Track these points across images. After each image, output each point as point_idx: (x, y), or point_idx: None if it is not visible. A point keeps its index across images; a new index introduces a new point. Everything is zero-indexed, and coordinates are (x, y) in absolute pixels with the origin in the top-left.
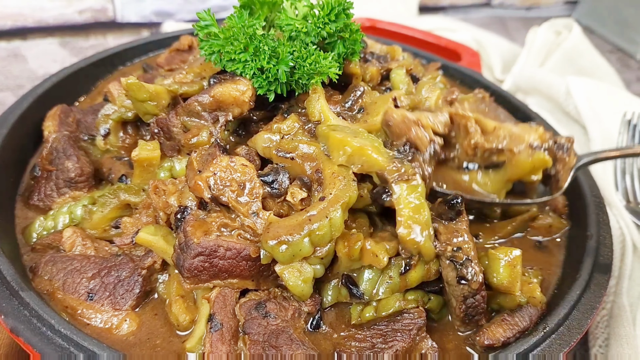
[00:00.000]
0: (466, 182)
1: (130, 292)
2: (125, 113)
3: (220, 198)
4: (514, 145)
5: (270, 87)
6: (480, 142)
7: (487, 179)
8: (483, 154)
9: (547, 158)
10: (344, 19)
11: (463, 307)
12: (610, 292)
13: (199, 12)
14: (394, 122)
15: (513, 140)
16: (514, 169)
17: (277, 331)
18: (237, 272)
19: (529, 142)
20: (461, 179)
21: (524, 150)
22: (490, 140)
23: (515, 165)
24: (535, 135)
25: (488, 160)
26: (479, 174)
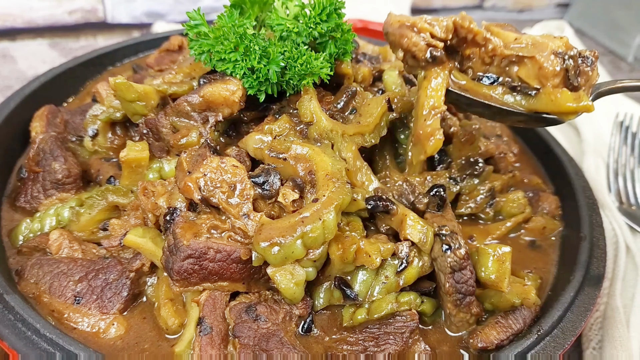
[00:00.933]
0: (490, 96)
1: (118, 295)
2: (114, 113)
3: (210, 199)
4: (537, 52)
5: (261, 88)
6: (499, 49)
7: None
8: (501, 61)
9: (591, 104)
10: (336, 19)
11: (452, 283)
12: (604, 294)
13: (189, 11)
14: (392, 30)
15: (535, 47)
16: (548, 105)
17: (268, 335)
18: (227, 274)
19: (552, 49)
20: (486, 92)
21: (547, 57)
22: (511, 47)
23: (550, 102)
24: (560, 43)
25: (507, 72)
26: (506, 96)
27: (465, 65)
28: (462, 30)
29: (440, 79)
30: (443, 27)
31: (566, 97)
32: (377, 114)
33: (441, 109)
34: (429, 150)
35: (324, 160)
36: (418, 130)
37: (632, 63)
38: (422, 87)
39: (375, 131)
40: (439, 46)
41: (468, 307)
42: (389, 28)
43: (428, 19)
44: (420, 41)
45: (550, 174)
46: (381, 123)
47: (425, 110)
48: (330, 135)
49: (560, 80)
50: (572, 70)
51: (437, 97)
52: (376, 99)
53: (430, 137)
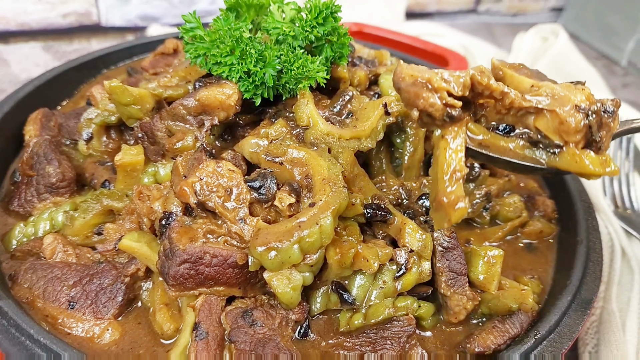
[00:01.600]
0: (510, 150)
1: (112, 300)
2: (109, 117)
3: (206, 204)
4: (557, 106)
5: (257, 91)
6: (517, 102)
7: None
8: (517, 112)
9: (617, 169)
10: (332, 23)
11: (444, 262)
12: (600, 298)
13: (185, 14)
14: (405, 86)
15: (556, 100)
16: (572, 165)
17: (264, 340)
18: (223, 279)
19: (574, 103)
20: (505, 145)
21: (569, 111)
22: (529, 99)
23: (574, 163)
24: (582, 96)
25: (523, 122)
26: (527, 150)
27: (479, 114)
28: (479, 87)
29: (460, 138)
30: (460, 84)
31: (592, 161)
32: (373, 118)
33: (463, 173)
34: (454, 218)
35: (321, 165)
36: (440, 196)
37: (626, 67)
38: (440, 147)
39: (371, 135)
40: (457, 105)
41: (462, 288)
42: (401, 84)
43: (445, 76)
44: (437, 101)
45: (546, 178)
46: (378, 127)
47: (446, 175)
48: (327, 139)
49: (582, 137)
50: (595, 125)
51: (459, 160)
52: (373, 103)
53: (455, 205)
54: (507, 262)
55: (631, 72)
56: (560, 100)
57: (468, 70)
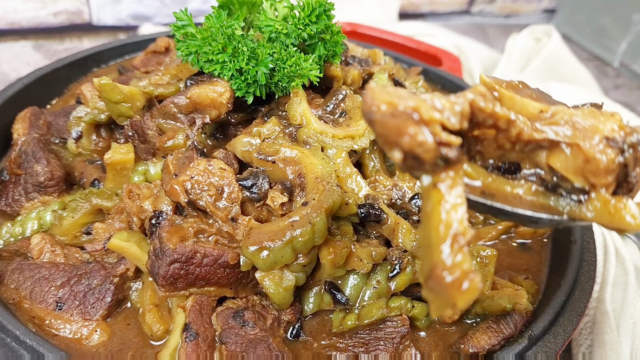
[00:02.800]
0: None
1: (101, 301)
2: (98, 115)
3: (197, 203)
4: (581, 138)
5: (249, 89)
6: (527, 133)
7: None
8: (525, 146)
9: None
10: (325, 21)
11: None
12: (594, 299)
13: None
14: (381, 117)
15: (578, 130)
16: (604, 217)
17: (256, 341)
18: (214, 279)
19: (604, 134)
20: (512, 191)
21: (597, 146)
22: (542, 129)
23: (607, 215)
24: (614, 125)
25: (532, 159)
26: (540, 197)
27: (474, 150)
28: (480, 115)
29: (459, 188)
30: (457, 113)
31: (632, 213)
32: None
33: (468, 237)
34: (461, 303)
35: (314, 163)
36: (438, 271)
37: (618, 68)
38: (432, 200)
39: (365, 135)
40: (456, 143)
41: None
42: (375, 115)
43: (437, 103)
44: (428, 139)
45: None
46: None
47: (444, 242)
48: (320, 138)
49: (614, 178)
50: (632, 164)
51: (460, 219)
52: None
53: (462, 283)
54: (501, 262)
55: (623, 74)
56: (585, 130)
57: (465, 94)
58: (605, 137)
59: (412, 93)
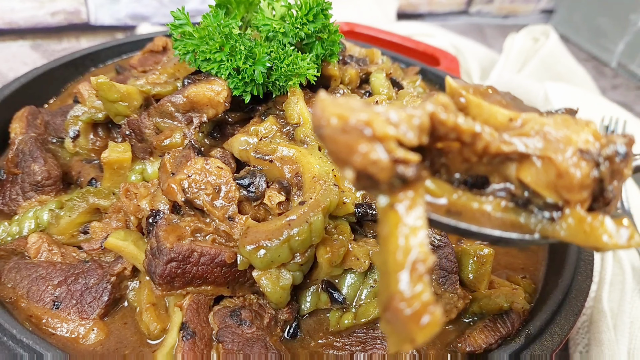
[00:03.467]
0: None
1: (98, 300)
2: (96, 114)
3: (194, 202)
4: (552, 151)
5: (247, 88)
6: (494, 146)
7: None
8: (492, 159)
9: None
10: (323, 20)
11: (437, 262)
12: (591, 298)
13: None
14: (332, 132)
15: (549, 142)
16: (579, 236)
17: (252, 339)
18: (211, 278)
19: (578, 146)
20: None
21: (571, 159)
22: (510, 141)
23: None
24: (588, 135)
25: (501, 172)
26: (510, 214)
27: (438, 164)
28: (442, 128)
29: (419, 208)
30: (415, 127)
31: (609, 232)
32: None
33: (429, 264)
34: (420, 337)
35: (311, 162)
36: (395, 302)
37: (615, 69)
38: (390, 223)
39: None
40: (413, 161)
41: (453, 287)
42: (325, 130)
43: (392, 116)
44: (382, 157)
45: None
46: None
47: (402, 270)
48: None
49: (589, 193)
50: (608, 177)
51: (420, 245)
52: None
53: (422, 316)
54: (499, 261)
55: (620, 74)
56: (557, 142)
57: (424, 104)
58: (579, 149)
59: (366, 104)
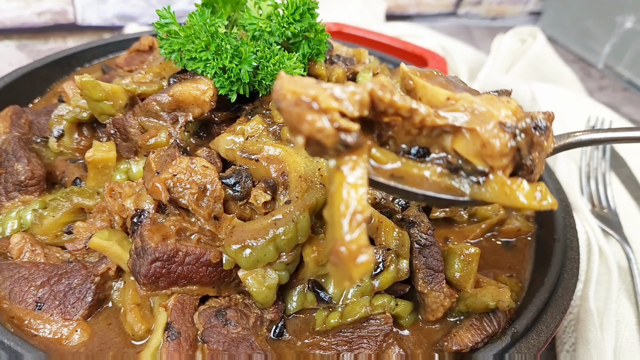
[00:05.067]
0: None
1: (81, 300)
2: (80, 113)
3: (179, 201)
4: (478, 123)
5: (233, 87)
6: (429, 119)
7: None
8: (431, 131)
9: (556, 202)
10: (309, 19)
11: (420, 258)
12: (577, 297)
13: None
14: (286, 106)
15: (476, 116)
16: (501, 197)
17: (238, 339)
18: (196, 278)
19: (498, 119)
20: (419, 173)
21: (492, 131)
22: (443, 116)
23: (504, 195)
24: (507, 111)
25: (440, 143)
26: (445, 178)
27: (385, 136)
28: (380, 104)
29: (360, 169)
30: (356, 102)
31: (525, 193)
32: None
33: (366, 215)
34: (356, 275)
35: (297, 162)
36: (337, 246)
37: (602, 70)
38: (335, 182)
39: None
40: (353, 129)
41: (439, 285)
42: (282, 102)
43: (336, 92)
44: (326, 125)
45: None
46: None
47: (344, 218)
48: None
49: (509, 161)
50: (525, 147)
51: (359, 198)
52: None
53: (357, 257)
54: (486, 260)
55: (607, 75)
56: (481, 116)
57: (365, 84)
58: (499, 122)
59: (316, 82)
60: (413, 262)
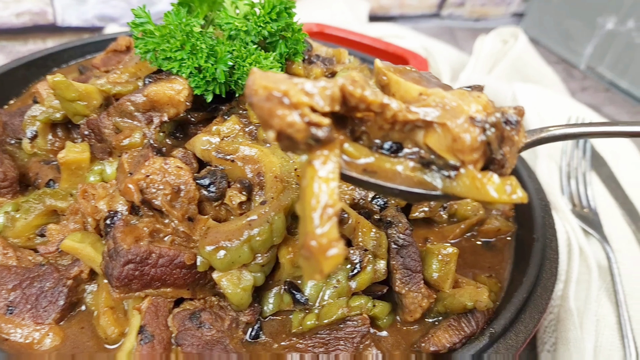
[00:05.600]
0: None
1: (54, 304)
2: (53, 114)
3: (152, 202)
4: (449, 118)
5: (208, 87)
6: (401, 114)
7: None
8: (403, 126)
9: (525, 196)
10: (286, 18)
11: (398, 258)
12: (557, 297)
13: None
14: (257, 101)
15: (447, 111)
16: (472, 191)
17: (212, 342)
18: (170, 280)
19: (468, 114)
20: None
21: (462, 125)
22: (414, 111)
23: (475, 189)
24: (478, 106)
25: (412, 138)
26: (418, 173)
27: (359, 131)
28: (352, 99)
29: (331, 164)
30: (327, 97)
31: (496, 187)
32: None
33: (337, 208)
34: (326, 268)
35: (273, 162)
36: (308, 240)
37: (584, 71)
38: (307, 176)
39: None
40: (324, 124)
41: (417, 286)
42: (254, 97)
43: (307, 87)
44: (296, 120)
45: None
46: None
47: (315, 212)
48: None
49: (480, 155)
50: (495, 141)
51: (330, 192)
52: None
53: (327, 251)
54: (466, 260)
55: (589, 76)
56: (452, 111)
57: (337, 79)
58: (469, 117)
59: (288, 78)
60: (391, 262)
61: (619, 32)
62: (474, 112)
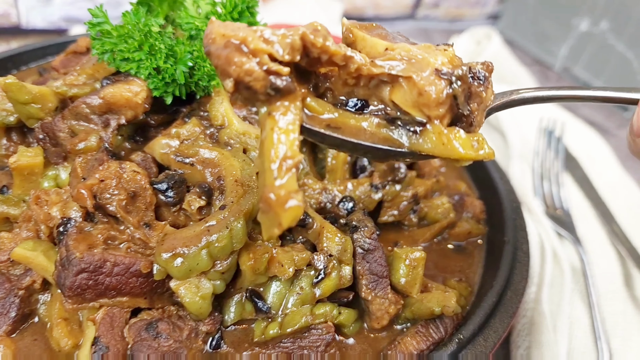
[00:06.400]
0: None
1: (5, 316)
2: (7, 117)
3: (107, 208)
4: (414, 71)
5: (168, 89)
6: (365, 68)
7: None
8: (369, 81)
9: (492, 152)
10: (249, 18)
11: (364, 264)
12: (531, 300)
13: (91, 8)
14: (215, 50)
15: (412, 64)
16: (438, 148)
17: (169, 353)
18: (126, 289)
19: (434, 67)
20: (356, 124)
21: (428, 78)
22: (379, 64)
23: (441, 145)
24: (444, 58)
25: (378, 95)
26: (384, 129)
27: (323, 87)
28: (314, 49)
29: (292, 115)
30: (287, 45)
31: (462, 142)
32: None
33: (296, 160)
34: (285, 221)
35: (233, 165)
36: (267, 192)
37: (559, 72)
38: (266, 127)
39: None
40: (284, 72)
41: (384, 292)
42: (211, 46)
43: (266, 34)
44: (255, 67)
45: (475, 179)
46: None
47: (274, 163)
48: (243, 139)
49: (446, 110)
50: (462, 95)
51: (290, 144)
52: None
53: (286, 202)
54: (436, 265)
55: (564, 77)
56: (418, 64)
57: (298, 27)
58: (435, 69)
59: (247, 27)
60: (356, 268)
61: (593, 33)
62: (440, 65)
